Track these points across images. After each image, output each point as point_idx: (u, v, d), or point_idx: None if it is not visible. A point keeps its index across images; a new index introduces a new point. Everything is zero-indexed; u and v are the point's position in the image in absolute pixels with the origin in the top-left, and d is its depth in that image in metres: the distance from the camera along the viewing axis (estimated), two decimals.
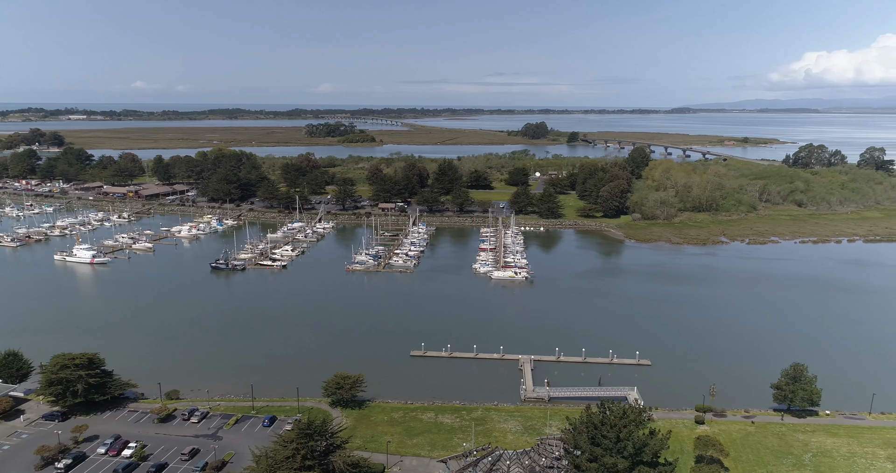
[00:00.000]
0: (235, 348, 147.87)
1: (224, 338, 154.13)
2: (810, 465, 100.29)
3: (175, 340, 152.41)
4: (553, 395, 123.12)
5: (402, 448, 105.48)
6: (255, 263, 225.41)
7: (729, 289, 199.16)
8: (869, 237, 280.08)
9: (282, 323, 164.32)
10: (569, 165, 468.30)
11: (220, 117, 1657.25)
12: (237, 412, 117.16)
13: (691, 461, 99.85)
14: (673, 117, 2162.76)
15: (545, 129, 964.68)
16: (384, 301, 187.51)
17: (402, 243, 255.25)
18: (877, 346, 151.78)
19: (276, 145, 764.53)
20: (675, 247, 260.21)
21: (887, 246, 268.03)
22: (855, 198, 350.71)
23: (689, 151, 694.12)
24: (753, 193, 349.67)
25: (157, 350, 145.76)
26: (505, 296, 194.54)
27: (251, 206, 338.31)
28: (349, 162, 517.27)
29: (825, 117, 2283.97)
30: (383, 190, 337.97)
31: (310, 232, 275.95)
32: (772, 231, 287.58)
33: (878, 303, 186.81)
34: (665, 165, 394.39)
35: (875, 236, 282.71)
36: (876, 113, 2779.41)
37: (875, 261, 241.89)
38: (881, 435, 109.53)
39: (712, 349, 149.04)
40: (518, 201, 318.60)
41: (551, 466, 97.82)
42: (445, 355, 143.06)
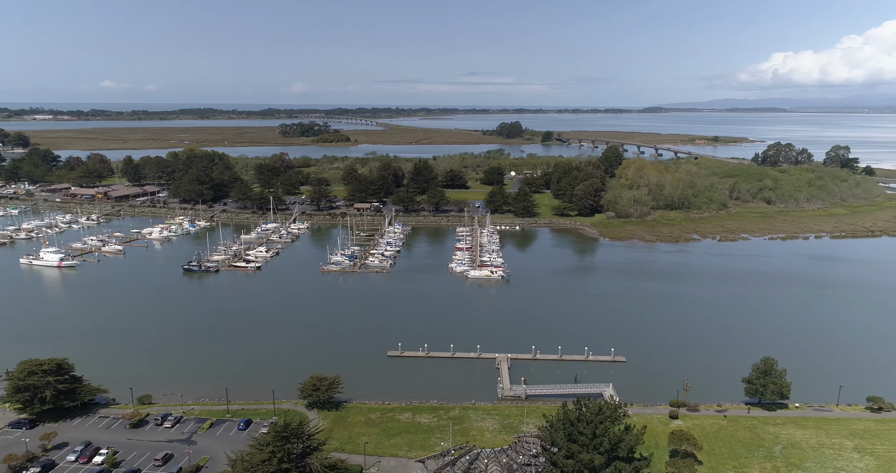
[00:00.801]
0: (209, 351, 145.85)
1: (197, 341, 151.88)
2: (780, 457, 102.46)
3: (147, 344, 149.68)
4: (530, 393, 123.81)
5: (379, 448, 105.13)
6: (228, 264, 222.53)
7: (701, 285, 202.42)
8: (835, 234, 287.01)
9: (256, 325, 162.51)
10: (543, 164, 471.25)
11: (192, 117, 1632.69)
12: (212, 416, 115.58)
13: (666, 455, 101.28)
14: (645, 117, 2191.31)
15: (520, 128, 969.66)
16: (360, 302, 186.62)
17: (377, 243, 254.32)
18: (843, 339, 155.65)
19: (250, 145, 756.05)
20: (649, 245, 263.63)
21: (852, 242, 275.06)
22: (821, 195, 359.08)
23: (661, 150, 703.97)
24: (724, 191, 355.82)
25: (128, 355, 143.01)
26: (481, 295, 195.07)
27: (224, 207, 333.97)
28: (324, 162, 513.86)
29: (792, 117, 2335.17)
30: (358, 190, 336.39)
31: (284, 233, 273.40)
32: (742, 228, 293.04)
33: (845, 297, 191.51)
34: (638, 164, 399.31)
35: (841, 232, 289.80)
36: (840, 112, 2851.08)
37: (841, 256, 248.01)
38: (848, 426, 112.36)
39: (686, 344, 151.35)
40: (493, 200, 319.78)
41: (529, 463, 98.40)
42: (422, 355, 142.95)
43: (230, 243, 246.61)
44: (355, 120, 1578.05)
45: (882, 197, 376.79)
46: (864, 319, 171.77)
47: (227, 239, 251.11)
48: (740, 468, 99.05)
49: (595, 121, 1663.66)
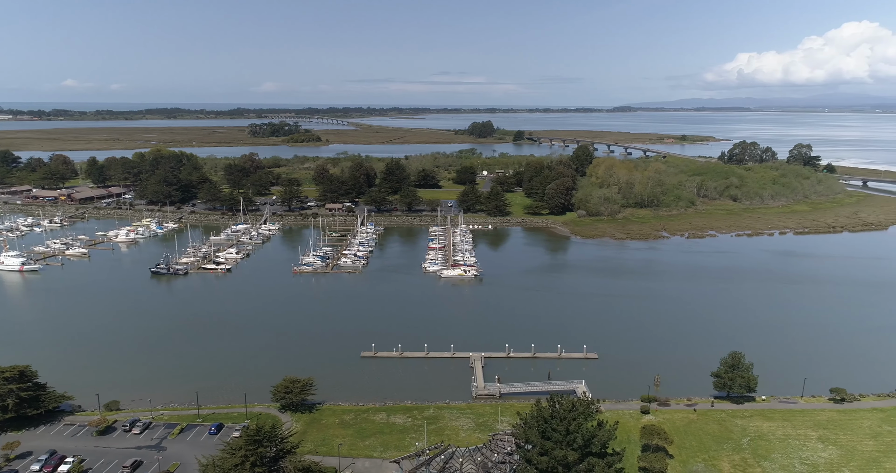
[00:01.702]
0: (179, 355, 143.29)
1: (166, 345, 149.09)
2: (748, 449, 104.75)
3: (114, 349, 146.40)
4: (504, 391, 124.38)
5: (354, 450, 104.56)
6: (198, 267, 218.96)
7: (671, 282, 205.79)
8: (798, 230, 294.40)
9: (227, 328, 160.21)
10: (515, 163, 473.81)
11: (158, 117, 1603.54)
12: (182, 421, 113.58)
13: (638, 450, 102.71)
14: (615, 116, 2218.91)
15: (491, 128, 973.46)
16: (333, 303, 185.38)
17: (350, 243, 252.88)
18: (807, 332, 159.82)
19: (218, 146, 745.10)
20: (619, 242, 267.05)
21: (815, 238, 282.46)
22: (785, 192, 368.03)
23: (630, 149, 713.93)
24: (692, 188, 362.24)
25: (94, 360, 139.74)
26: (455, 294, 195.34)
27: (193, 208, 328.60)
28: (294, 162, 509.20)
29: (757, 116, 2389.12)
30: (330, 190, 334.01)
31: (255, 234, 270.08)
32: (709, 225, 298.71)
33: (808, 292, 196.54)
34: (608, 163, 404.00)
35: (804, 228, 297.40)
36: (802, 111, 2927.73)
37: (804, 252, 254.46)
38: (812, 417, 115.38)
39: (656, 340, 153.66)
40: (466, 199, 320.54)
41: (503, 461, 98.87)
42: (396, 355, 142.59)
43: (199, 244, 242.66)
44: (326, 120, 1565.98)
45: (842, 194, 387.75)
46: (827, 312, 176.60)
47: (197, 241, 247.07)
48: (710, 460, 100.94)
49: (566, 120, 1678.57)
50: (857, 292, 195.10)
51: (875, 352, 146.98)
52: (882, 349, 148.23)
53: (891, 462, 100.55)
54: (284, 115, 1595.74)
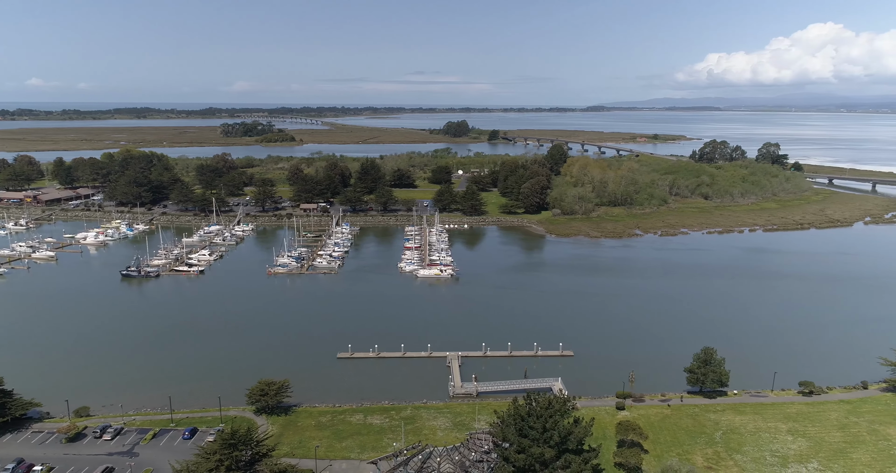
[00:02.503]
0: (151, 359, 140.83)
1: (138, 349, 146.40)
2: (721, 442, 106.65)
3: (84, 354, 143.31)
4: (481, 390, 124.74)
5: (330, 452, 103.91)
6: (170, 269, 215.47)
7: (644, 279, 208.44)
8: (767, 227, 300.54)
9: (201, 331, 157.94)
10: (490, 162, 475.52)
11: (128, 117, 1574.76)
12: (155, 426, 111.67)
13: (614, 445, 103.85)
14: (588, 115, 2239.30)
15: (466, 127, 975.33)
16: (308, 304, 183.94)
17: (325, 243, 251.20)
18: (776, 327, 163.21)
19: (190, 146, 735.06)
20: (594, 241, 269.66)
21: (784, 234, 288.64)
22: (754, 190, 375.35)
23: (604, 148, 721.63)
24: (664, 187, 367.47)
25: (63, 366, 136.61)
26: (431, 294, 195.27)
27: (164, 209, 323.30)
28: (268, 162, 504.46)
29: (726, 115, 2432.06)
30: (305, 190, 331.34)
31: (228, 235, 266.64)
32: (682, 223, 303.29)
33: (777, 287, 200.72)
34: (582, 162, 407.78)
35: (773, 225, 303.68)
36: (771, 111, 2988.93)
37: (774, 248, 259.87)
38: (782, 410, 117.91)
39: (631, 337, 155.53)
40: (441, 199, 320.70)
41: (481, 460, 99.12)
42: (373, 355, 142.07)
43: (171, 246, 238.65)
44: (300, 119, 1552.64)
45: (809, 191, 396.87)
46: (796, 307, 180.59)
47: (168, 243, 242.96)
48: (684, 454, 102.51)
49: (540, 120, 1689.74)
50: (824, 287, 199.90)
51: (841, 346, 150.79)
52: (848, 343, 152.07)
53: (857, 453, 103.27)
54: (257, 114, 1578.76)
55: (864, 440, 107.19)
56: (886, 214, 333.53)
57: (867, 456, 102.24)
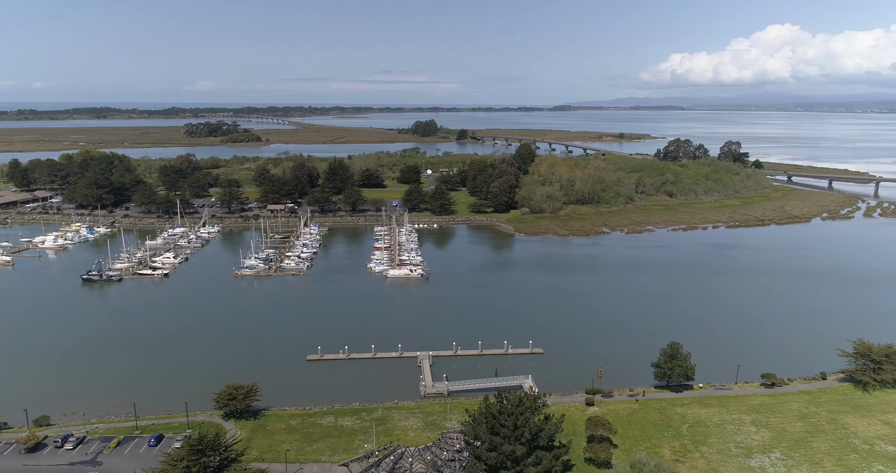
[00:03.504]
0: (114, 365, 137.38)
1: (100, 355, 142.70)
2: (688, 435, 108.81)
3: (42, 361, 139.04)
4: (452, 389, 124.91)
5: (301, 455, 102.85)
6: (133, 272, 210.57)
7: (612, 276, 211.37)
8: (730, 223, 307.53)
9: (166, 335, 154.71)
10: (459, 162, 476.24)
11: (87, 117, 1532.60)
12: (118, 434, 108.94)
13: (584, 441, 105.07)
14: (556, 115, 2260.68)
15: (435, 127, 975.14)
16: (277, 306, 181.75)
17: (293, 245, 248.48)
18: (740, 321, 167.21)
19: (153, 146, 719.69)
20: (562, 239, 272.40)
21: (745, 230, 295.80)
22: (717, 188, 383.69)
23: (571, 147, 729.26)
24: (630, 185, 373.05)
25: (21, 374, 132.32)
26: (401, 294, 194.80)
27: (126, 212, 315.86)
28: (234, 163, 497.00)
29: (689, 114, 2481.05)
30: (272, 191, 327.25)
31: (193, 237, 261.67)
32: (647, 221, 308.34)
33: (740, 282, 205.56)
34: (550, 161, 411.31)
35: (735, 222, 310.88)
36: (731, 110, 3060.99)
37: (736, 244, 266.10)
38: (746, 402, 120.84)
39: (599, 333, 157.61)
40: (411, 198, 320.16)
41: (453, 459, 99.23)
42: (343, 357, 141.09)
43: (134, 249, 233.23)
44: (266, 119, 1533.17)
45: (769, 189, 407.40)
46: (757, 301, 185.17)
47: (131, 246, 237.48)
48: (652, 448, 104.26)
49: (508, 119, 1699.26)
50: (785, 282, 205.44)
51: (801, 338, 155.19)
52: (807, 335, 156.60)
53: (817, 442, 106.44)
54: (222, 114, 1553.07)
55: (823, 429, 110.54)
56: (842, 209, 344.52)
57: (826, 445, 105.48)
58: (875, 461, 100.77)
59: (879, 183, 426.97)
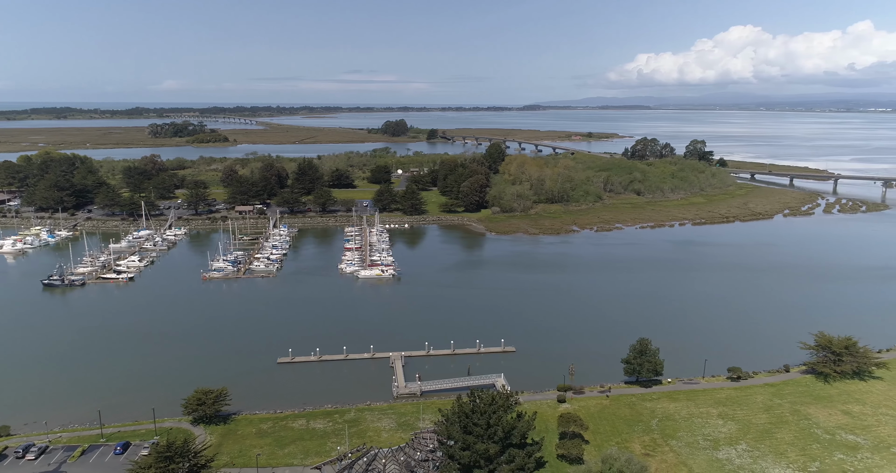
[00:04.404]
0: (77, 372, 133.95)
1: (63, 362, 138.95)
2: (657, 430, 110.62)
3: (1, 369, 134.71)
4: (425, 389, 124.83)
5: (272, 459, 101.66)
6: (96, 277, 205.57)
7: (582, 274, 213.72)
8: (696, 221, 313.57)
9: (132, 340, 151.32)
10: (430, 161, 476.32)
11: (46, 117, 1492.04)
12: (83, 443, 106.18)
13: (556, 438, 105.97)
14: (525, 114, 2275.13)
15: (405, 126, 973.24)
16: (246, 309, 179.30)
17: (262, 246, 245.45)
18: (706, 316, 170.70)
19: (116, 147, 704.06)
20: (533, 237, 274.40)
21: (711, 227, 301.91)
22: (683, 186, 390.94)
23: (540, 147, 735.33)
24: (599, 184, 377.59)
25: None
26: (373, 295, 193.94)
27: (89, 214, 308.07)
28: (200, 163, 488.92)
29: (655, 113, 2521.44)
30: (240, 192, 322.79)
31: (159, 240, 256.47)
32: (616, 219, 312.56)
33: (706, 278, 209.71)
34: (520, 160, 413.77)
35: (701, 219, 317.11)
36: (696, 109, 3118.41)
37: (702, 241, 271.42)
38: (713, 396, 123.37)
39: (570, 331, 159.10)
40: (381, 198, 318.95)
41: (426, 459, 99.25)
42: (314, 359, 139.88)
43: (97, 253, 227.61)
44: (233, 119, 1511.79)
45: (733, 186, 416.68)
46: (724, 297, 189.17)
47: (94, 249, 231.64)
48: (623, 443, 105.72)
49: (478, 118, 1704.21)
50: (749, 277, 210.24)
51: (766, 332, 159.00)
52: (771, 329, 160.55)
53: (781, 433, 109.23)
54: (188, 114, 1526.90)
55: (787, 420, 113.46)
56: (803, 206, 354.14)
57: (790, 435, 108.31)
58: (836, 450, 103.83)
59: (838, 180, 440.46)
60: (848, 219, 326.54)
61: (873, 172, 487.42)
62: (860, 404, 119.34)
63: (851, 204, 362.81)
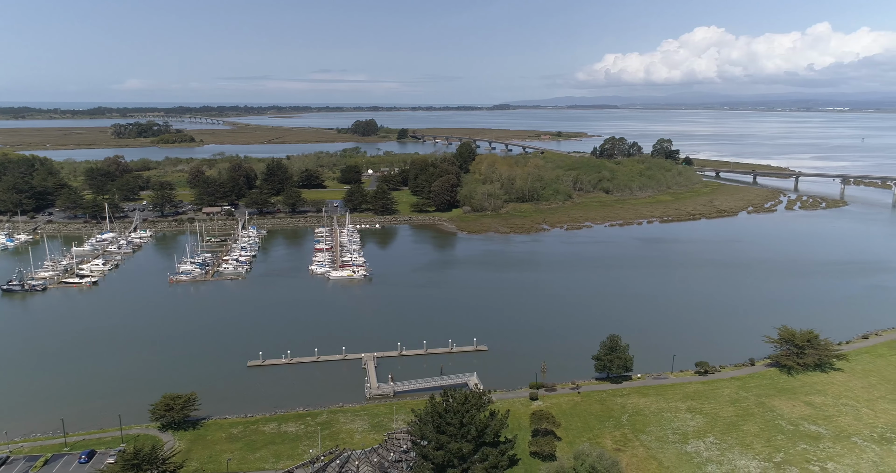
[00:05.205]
0: (39, 379, 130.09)
1: (24, 370, 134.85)
2: (628, 425, 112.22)
3: None
4: (397, 389, 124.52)
5: (244, 464, 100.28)
6: (58, 281, 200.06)
7: (553, 272, 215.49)
8: (663, 218, 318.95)
9: (96, 346, 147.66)
10: (400, 161, 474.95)
11: (3, 117, 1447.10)
12: (46, 452, 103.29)
13: (529, 435, 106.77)
14: (495, 114, 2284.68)
15: (375, 126, 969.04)
16: (215, 312, 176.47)
17: (231, 248, 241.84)
18: (675, 312, 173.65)
19: (77, 148, 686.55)
20: (504, 236, 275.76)
21: (678, 225, 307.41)
22: (651, 184, 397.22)
23: (510, 146, 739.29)
24: (568, 182, 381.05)
25: None
26: (344, 296, 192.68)
27: (49, 217, 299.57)
28: (166, 164, 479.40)
29: (623, 113, 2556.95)
30: (207, 193, 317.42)
31: (124, 243, 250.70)
32: (586, 217, 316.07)
33: (674, 274, 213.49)
34: (490, 160, 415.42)
35: (668, 216, 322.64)
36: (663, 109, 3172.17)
37: (670, 238, 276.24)
38: (681, 390, 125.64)
39: (542, 328, 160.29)
40: (352, 199, 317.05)
41: (400, 460, 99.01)
42: (286, 361, 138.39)
43: (59, 257, 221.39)
44: (200, 119, 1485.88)
45: (699, 184, 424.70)
46: (691, 292, 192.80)
47: (56, 253, 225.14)
48: (594, 439, 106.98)
49: (448, 118, 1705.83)
50: (716, 273, 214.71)
51: (731, 327, 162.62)
52: (737, 324, 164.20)
53: (747, 425, 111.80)
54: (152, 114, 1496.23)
55: (752, 412, 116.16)
56: (766, 203, 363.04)
57: (756, 427, 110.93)
58: (800, 440, 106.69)
59: (799, 177, 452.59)
60: (809, 215, 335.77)
61: (832, 170, 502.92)
62: (822, 395, 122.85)
63: (812, 201, 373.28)
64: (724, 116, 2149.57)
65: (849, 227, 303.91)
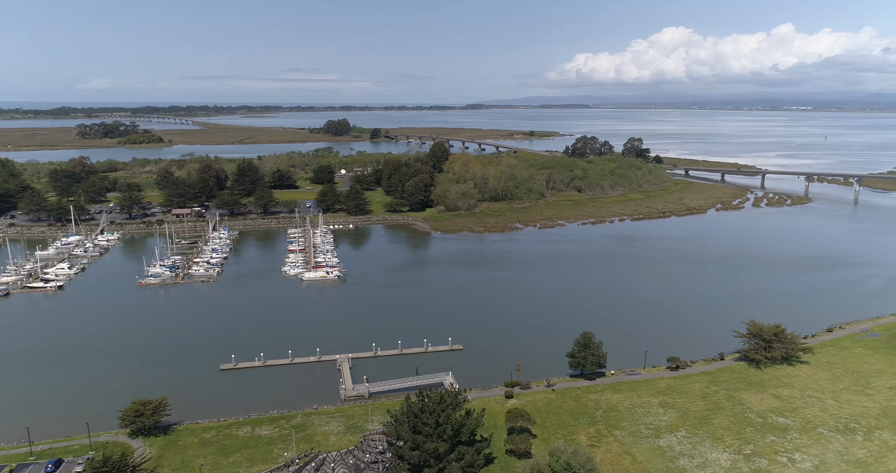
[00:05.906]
0: (2, 387, 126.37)
1: None
2: (602, 421, 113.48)
3: None
4: (373, 390, 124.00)
5: (217, 469, 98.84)
6: (21, 286, 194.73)
7: (527, 271, 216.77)
8: (635, 216, 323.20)
9: (62, 352, 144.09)
10: (373, 161, 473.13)
11: None
12: (10, 462, 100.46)
13: (504, 433, 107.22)
14: (468, 113, 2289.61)
15: (347, 126, 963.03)
16: (186, 315, 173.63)
17: (201, 250, 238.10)
18: (647, 308, 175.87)
19: (41, 149, 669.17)
20: (478, 235, 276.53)
21: (649, 223, 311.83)
22: (622, 183, 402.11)
23: (484, 145, 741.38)
24: (541, 181, 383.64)
25: None
26: (318, 297, 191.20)
27: (12, 220, 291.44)
28: (133, 165, 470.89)
29: (594, 112, 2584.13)
30: (176, 194, 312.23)
31: (90, 246, 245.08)
32: (558, 215, 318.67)
33: (646, 271, 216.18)
34: (463, 159, 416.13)
35: (639, 214, 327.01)
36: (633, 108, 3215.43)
37: (641, 236, 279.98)
38: (654, 386, 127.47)
39: (517, 327, 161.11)
40: (325, 199, 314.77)
41: (376, 461, 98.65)
42: (259, 364, 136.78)
43: (22, 261, 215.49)
44: (168, 119, 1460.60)
45: (669, 182, 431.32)
46: (663, 289, 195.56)
47: (19, 257, 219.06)
48: (569, 435, 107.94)
49: (421, 118, 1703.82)
50: (686, 269, 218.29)
51: (702, 322, 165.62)
52: (707, 319, 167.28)
53: (717, 418, 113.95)
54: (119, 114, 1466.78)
55: (723, 406, 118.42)
56: (734, 200, 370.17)
57: (726, 421, 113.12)
58: (768, 432, 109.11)
59: (765, 175, 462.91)
60: (775, 212, 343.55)
61: (797, 167, 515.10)
62: (789, 388, 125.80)
63: (778, 198, 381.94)
64: (693, 116, 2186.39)
65: (813, 223, 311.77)
